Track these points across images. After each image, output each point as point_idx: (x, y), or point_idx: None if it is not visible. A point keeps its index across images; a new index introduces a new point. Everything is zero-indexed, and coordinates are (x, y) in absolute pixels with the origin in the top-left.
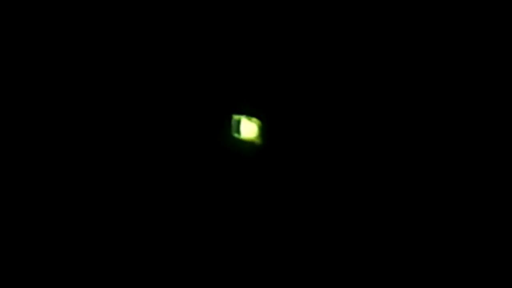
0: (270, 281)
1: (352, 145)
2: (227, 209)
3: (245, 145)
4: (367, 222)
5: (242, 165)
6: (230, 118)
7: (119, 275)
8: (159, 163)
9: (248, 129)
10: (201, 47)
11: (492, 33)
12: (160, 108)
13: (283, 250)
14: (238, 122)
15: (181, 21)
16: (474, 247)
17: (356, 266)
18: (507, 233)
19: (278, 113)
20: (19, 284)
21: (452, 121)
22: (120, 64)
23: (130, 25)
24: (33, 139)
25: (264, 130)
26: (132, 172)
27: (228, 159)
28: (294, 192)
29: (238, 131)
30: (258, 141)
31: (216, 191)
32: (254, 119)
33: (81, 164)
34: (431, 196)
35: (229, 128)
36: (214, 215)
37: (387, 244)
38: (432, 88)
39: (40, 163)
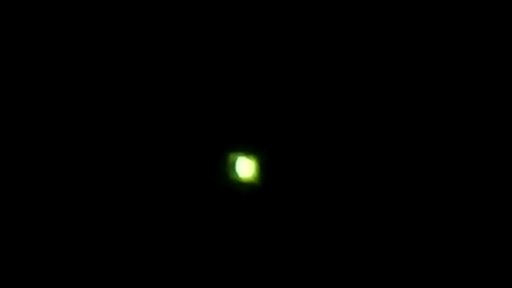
0: None
1: (349, 185)
2: (224, 248)
3: (242, 184)
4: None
5: (239, 205)
6: (227, 157)
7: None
8: (156, 202)
9: (245, 168)
10: (196, 85)
11: (492, 33)
12: (157, 146)
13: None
14: (235, 161)
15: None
16: (474, 247)
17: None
18: (507, 233)
19: (275, 152)
20: (19, 284)
21: (452, 121)
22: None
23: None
24: (33, 139)
25: (261, 169)
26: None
27: (225, 198)
28: (291, 230)
29: (235, 171)
30: (255, 180)
31: (213, 230)
32: (251, 158)
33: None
34: (432, 201)
35: (226, 168)
36: (211, 254)
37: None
38: (430, 90)
39: (40, 163)
